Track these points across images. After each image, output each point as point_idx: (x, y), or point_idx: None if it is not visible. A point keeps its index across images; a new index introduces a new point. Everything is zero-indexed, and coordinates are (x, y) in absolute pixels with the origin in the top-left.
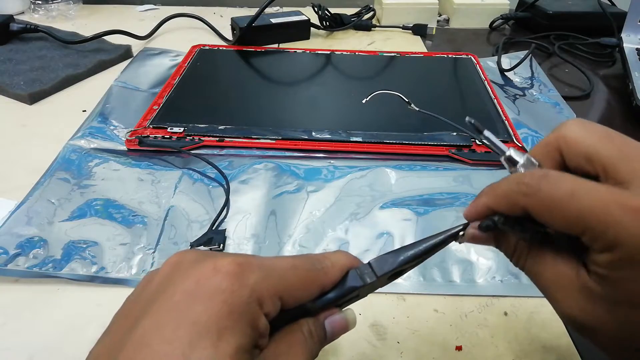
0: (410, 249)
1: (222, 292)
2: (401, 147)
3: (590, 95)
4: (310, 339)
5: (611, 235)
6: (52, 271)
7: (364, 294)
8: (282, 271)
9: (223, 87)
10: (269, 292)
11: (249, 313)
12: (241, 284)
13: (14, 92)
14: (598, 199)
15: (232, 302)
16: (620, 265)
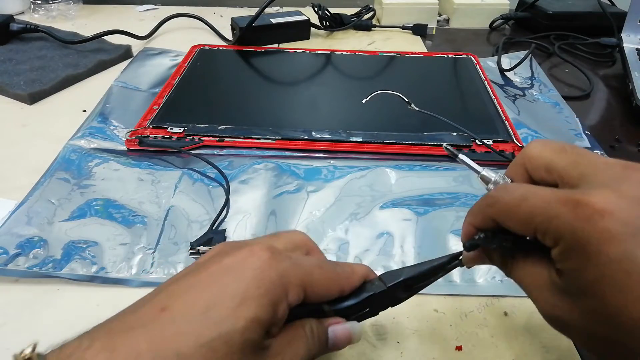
0: (417, 266)
1: (254, 269)
2: (401, 147)
3: (590, 95)
4: (311, 338)
5: (554, 229)
6: (52, 271)
7: (374, 310)
8: (309, 266)
9: (223, 87)
10: (295, 282)
11: (274, 294)
12: (271, 267)
13: (14, 92)
14: (543, 199)
15: (261, 279)
16: (567, 256)
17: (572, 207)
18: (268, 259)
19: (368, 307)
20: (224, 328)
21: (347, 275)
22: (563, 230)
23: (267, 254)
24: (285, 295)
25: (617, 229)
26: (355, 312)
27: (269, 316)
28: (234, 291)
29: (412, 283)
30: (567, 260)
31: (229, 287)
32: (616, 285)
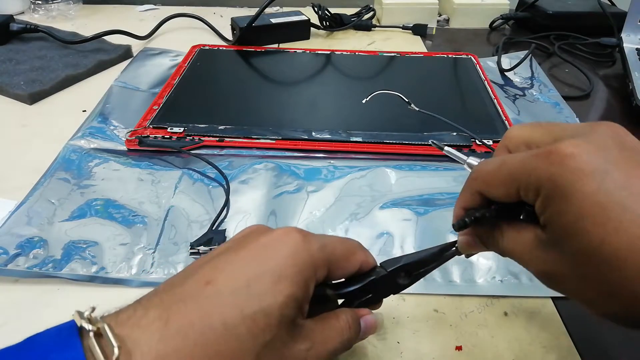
0: (416, 253)
1: (290, 248)
2: (401, 147)
3: (590, 95)
4: (347, 330)
5: (533, 180)
6: (52, 271)
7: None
8: (332, 244)
9: (223, 87)
10: (322, 262)
11: (307, 273)
12: (305, 248)
13: (14, 92)
14: (519, 158)
15: (296, 258)
16: (548, 202)
17: (546, 156)
18: (301, 240)
19: (371, 292)
20: (265, 302)
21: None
22: (541, 178)
23: (299, 235)
24: (314, 275)
25: (587, 167)
26: (358, 297)
27: (303, 293)
28: (272, 268)
29: (411, 269)
30: (549, 207)
31: (267, 264)
32: (594, 220)
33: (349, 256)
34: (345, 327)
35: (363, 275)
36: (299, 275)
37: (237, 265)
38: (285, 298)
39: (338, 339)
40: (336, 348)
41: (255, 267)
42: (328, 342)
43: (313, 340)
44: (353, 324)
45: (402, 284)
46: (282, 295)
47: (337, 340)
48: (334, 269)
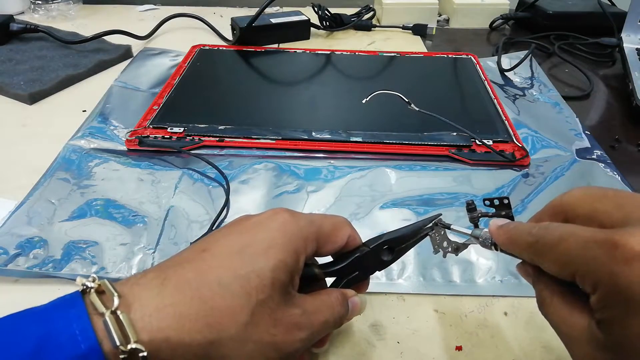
0: (397, 230)
1: (278, 223)
2: (401, 147)
3: (590, 95)
4: (337, 305)
5: (592, 272)
6: (52, 271)
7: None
8: (320, 220)
9: (223, 87)
10: (311, 237)
11: (296, 244)
12: (292, 222)
13: (14, 92)
14: (581, 239)
15: (285, 231)
16: (606, 304)
17: (610, 248)
18: (289, 216)
19: (357, 269)
20: (257, 264)
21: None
22: (601, 274)
23: (288, 212)
24: (304, 248)
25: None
26: (345, 274)
27: (293, 262)
28: (263, 238)
29: (393, 245)
30: (607, 309)
31: (258, 235)
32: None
33: (336, 231)
34: (335, 302)
35: (348, 253)
36: (289, 245)
37: (232, 236)
38: (277, 262)
39: (329, 311)
40: (327, 319)
41: (248, 237)
42: (319, 312)
43: (305, 308)
44: (342, 301)
45: (386, 260)
46: (273, 259)
47: (328, 312)
48: (323, 243)
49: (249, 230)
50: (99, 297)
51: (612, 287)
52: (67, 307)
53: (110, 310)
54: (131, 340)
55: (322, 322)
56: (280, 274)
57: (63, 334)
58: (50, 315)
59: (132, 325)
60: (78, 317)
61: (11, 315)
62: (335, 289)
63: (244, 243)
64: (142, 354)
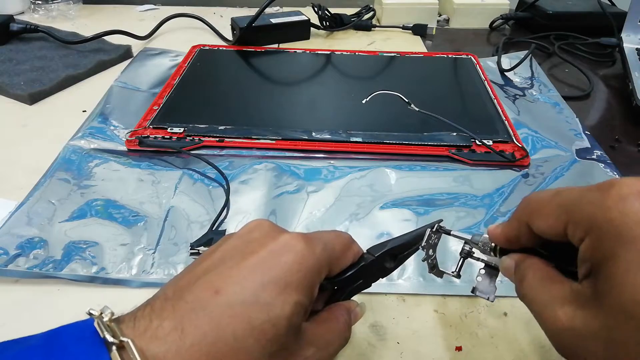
0: (400, 237)
1: (295, 255)
2: (401, 147)
3: (590, 95)
4: (345, 330)
5: (586, 216)
6: (52, 272)
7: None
8: (332, 242)
9: (223, 87)
10: (325, 262)
11: (312, 277)
12: (309, 254)
13: (14, 92)
14: (576, 190)
15: (302, 264)
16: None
17: (606, 189)
18: (305, 246)
19: (361, 278)
20: (273, 312)
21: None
22: (595, 215)
23: (303, 242)
24: (319, 278)
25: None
26: (350, 284)
27: (309, 299)
28: (278, 276)
29: (397, 252)
30: (598, 251)
31: (273, 271)
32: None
33: (345, 251)
34: (344, 328)
35: (353, 263)
36: (305, 281)
37: (245, 273)
38: (292, 307)
39: (339, 341)
40: (336, 349)
41: (262, 275)
42: (330, 345)
43: (317, 345)
44: (349, 321)
45: (388, 267)
46: (289, 305)
47: (337, 342)
48: (334, 266)
49: (263, 264)
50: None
51: (606, 226)
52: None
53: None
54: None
55: (332, 354)
56: (295, 318)
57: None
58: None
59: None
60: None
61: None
62: (340, 308)
63: (258, 283)
64: None
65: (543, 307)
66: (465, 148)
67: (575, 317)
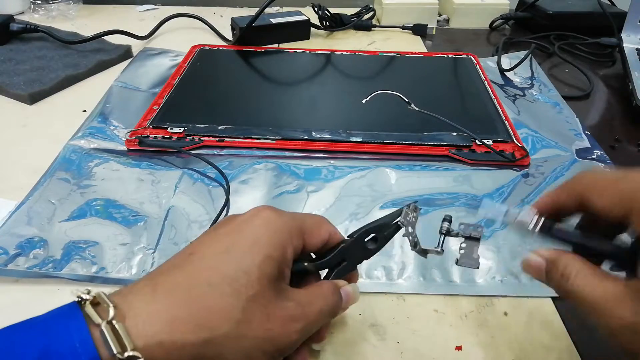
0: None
1: (263, 220)
2: (401, 147)
3: (590, 95)
4: (330, 295)
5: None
6: (52, 271)
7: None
8: (302, 216)
9: (223, 87)
10: (296, 230)
11: (281, 237)
12: (276, 218)
13: (14, 92)
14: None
15: (269, 227)
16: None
17: None
18: (272, 212)
19: (345, 260)
20: (244, 263)
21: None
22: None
23: (270, 209)
24: (290, 240)
25: None
26: (335, 265)
27: (279, 255)
28: (247, 236)
29: (375, 232)
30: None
31: (243, 233)
32: None
33: (319, 225)
34: (327, 291)
35: (334, 247)
36: (274, 239)
37: (217, 237)
38: (263, 257)
39: (322, 301)
40: (321, 309)
41: (233, 237)
42: (313, 303)
43: (298, 300)
44: (334, 290)
45: (371, 248)
46: (259, 255)
47: (321, 302)
48: (308, 237)
49: (233, 230)
50: (95, 309)
51: None
52: (66, 318)
53: (106, 321)
54: (128, 348)
55: (316, 312)
56: (267, 269)
57: (64, 346)
58: (50, 327)
59: (128, 334)
60: (77, 328)
61: (11, 326)
62: (326, 280)
63: (229, 243)
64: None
65: (599, 305)
66: (465, 148)
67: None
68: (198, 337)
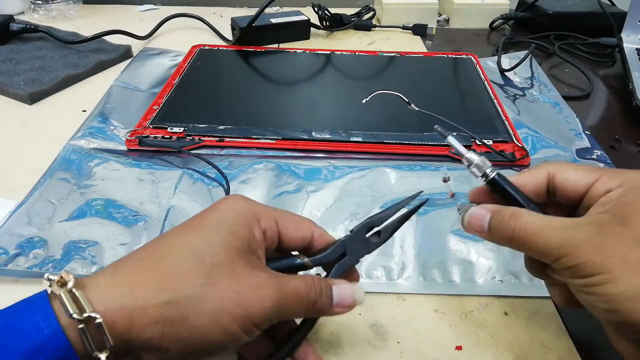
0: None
1: (227, 203)
2: (401, 147)
3: (590, 95)
4: (312, 282)
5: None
6: (52, 271)
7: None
8: (277, 209)
9: (223, 87)
10: (266, 214)
11: (246, 217)
12: (242, 201)
13: (14, 92)
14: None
15: (234, 208)
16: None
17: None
18: (239, 197)
19: (345, 253)
20: (208, 236)
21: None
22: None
23: (238, 196)
24: (257, 222)
25: None
26: (333, 260)
27: (246, 233)
28: (212, 218)
29: (375, 224)
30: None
31: (208, 216)
32: None
33: (300, 221)
34: (310, 278)
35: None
36: (239, 219)
37: (185, 222)
38: (227, 232)
39: (301, 282)
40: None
41: (198, 219)
42: (290, 280)
43: (273, 273)
44: (318, 282)
45: (373, 242)
46: (224, 230)
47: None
48: (284, 228)
49: (199, 216)
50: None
51: None
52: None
53: (65, 289)
54: (87, 310)
55: (293, 288)
56: (234, 242)
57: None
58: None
59: (88, 299)
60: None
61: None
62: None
63: (194, 224)
64: (98, 321)
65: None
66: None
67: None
68: (160, 299)
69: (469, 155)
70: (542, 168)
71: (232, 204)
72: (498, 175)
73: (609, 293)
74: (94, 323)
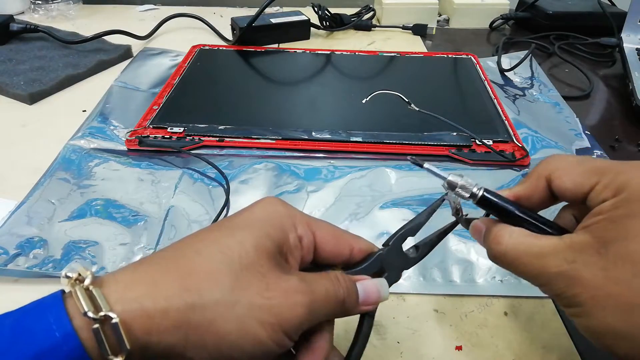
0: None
1: (263, 204)
2: (401, 147)
3: (590, 95)
4: (339, 279)
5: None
6: (52, 271)
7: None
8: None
9: (223, 87)
10: (302, 220)
11: (281, 221)
12: (278, 203)
13: (14, 92)
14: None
15: (268, 210)
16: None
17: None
18: (275, 199)
19: (384, 270)
20: (238, 235)
21: (356, 236)
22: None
23: (275, 199)
24: (293, 226)
25: None
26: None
27: (279, 235)
28: (245, 218)
29: (409, 234)
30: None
31: (241, 216)
32: None
33: (339, 237)
34: (335, 277)
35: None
36: (273, 220)
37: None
38: (260, 232)
39: (329, 282)
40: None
41: (230, 219)
42: (319, 282)
43: (302, 277)
44: (346, 279)
45: (412, 257)
46: (257, 230)
47: (328, 282)
48: (322, 243)
49: (232, 216)
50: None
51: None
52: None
53: (81, 286)
54: (103, 309)
55: (323, 290)
56: (264, 242)
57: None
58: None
59: (105, 297)
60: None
61: None
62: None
63: (225, 223)
64: (114, 321)
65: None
66: (465, 148)
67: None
68: (184, 302)
69: (451, 178)
70: (541, 173)
71: (268, 206)
72: (486, 191)
73: (583, 325)
74: (109, 323)
